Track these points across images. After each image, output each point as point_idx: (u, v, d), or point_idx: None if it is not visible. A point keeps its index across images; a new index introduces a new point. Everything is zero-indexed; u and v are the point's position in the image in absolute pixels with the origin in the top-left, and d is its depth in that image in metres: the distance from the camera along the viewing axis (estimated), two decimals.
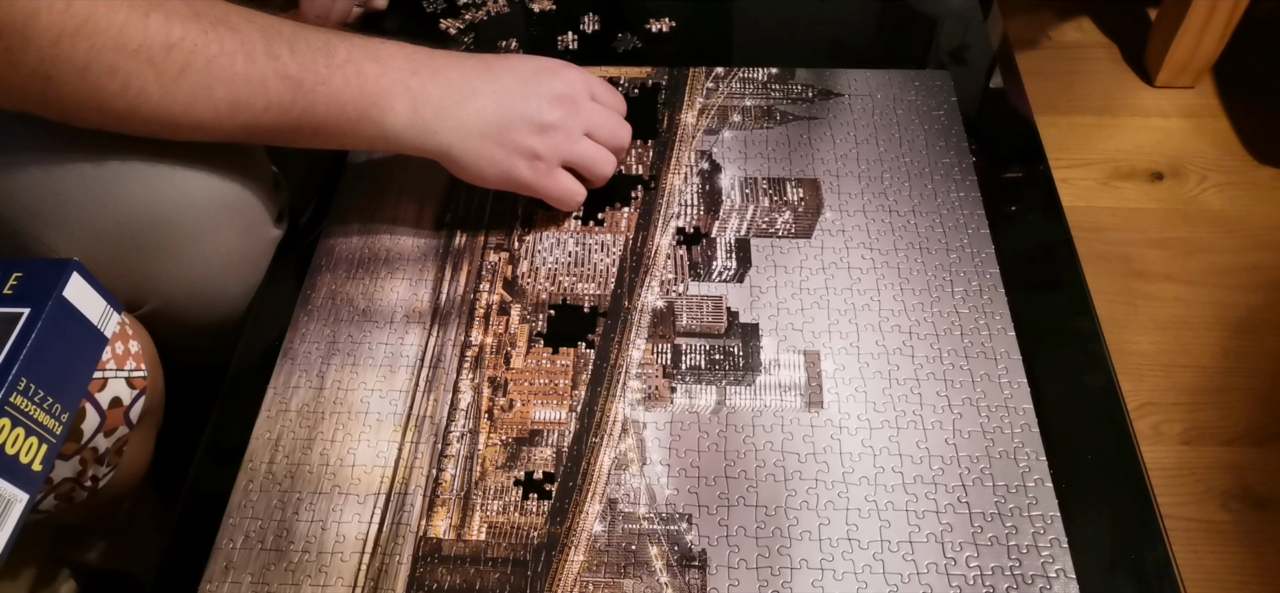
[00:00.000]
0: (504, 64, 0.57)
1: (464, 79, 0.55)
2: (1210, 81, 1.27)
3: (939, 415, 0.51)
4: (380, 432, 0.52)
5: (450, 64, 0.55)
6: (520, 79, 0.56)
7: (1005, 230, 0.60)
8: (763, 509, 0.48)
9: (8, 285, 0.43)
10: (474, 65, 0.56)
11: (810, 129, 0.67)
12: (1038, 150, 0.65)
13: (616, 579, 0.46)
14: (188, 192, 0.53)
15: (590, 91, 0.59)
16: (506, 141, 0.56)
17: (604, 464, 0.50)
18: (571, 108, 0.57)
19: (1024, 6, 1.39)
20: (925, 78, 0.70)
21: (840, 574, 0.45)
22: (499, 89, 0.55)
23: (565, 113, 0.57)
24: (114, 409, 0.49)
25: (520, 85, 0.56)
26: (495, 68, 0.56)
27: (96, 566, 0.64)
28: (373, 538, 0.48)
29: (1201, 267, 1.07)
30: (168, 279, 0.55)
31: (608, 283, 0.58)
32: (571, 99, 0.57)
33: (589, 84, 0.59)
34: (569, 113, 0.57)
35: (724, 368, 0.54)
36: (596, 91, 0.60)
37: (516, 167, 0.56)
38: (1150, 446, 0.92)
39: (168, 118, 0.49)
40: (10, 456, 0.40)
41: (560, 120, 0.57)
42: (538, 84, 0.57)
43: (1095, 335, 0.55)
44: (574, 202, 0.59)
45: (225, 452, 0.51)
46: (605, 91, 0.61)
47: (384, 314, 0.57)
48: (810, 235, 0.60)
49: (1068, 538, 0.46)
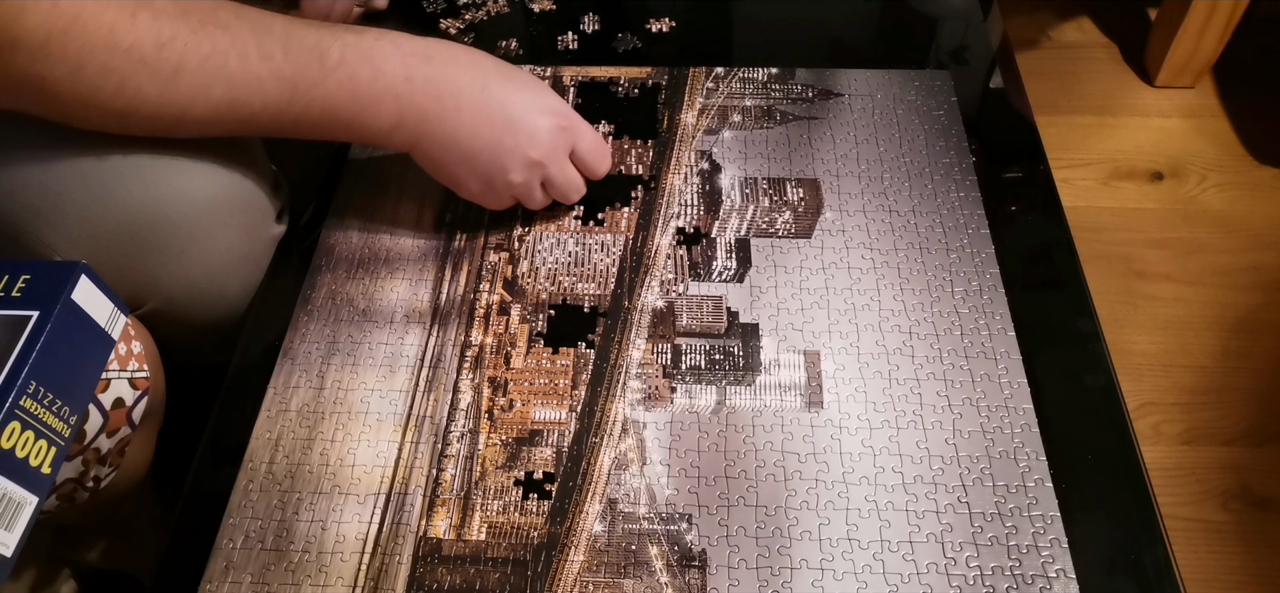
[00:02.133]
0: (498, 90, 0.56)
1: (453, 96, 0.54)
2: (1210, 81, 1.27)
3: (939, 415, 0.51)
4: (380, 432, 0.52)
5: (443, 76, 0.54)
6: (508, 117, 0.56)
7: (1005, 230, 0.60)
8: (763, 509, 0.48)
9: (15, 288, 0.43)
10: (468, 80, 0.55)
11: (810, 129, 0.67)
12: (1038, 150, 0.65)
13: (616, 579, 0.46)
14: (188, 191, 0.53)
15: (573, 146, 0.59)
16: (479, 171, 0.57)
17: (604, 464, 0.50)
18: (539, 165, 0.57)
19: (1024, 6, 1.39)
20: (925, 78, 0.70)
21: (840, 574, 0.45)
22: (487, 117, 0.55)
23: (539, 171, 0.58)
24: (117, 410, 0.49)
25: (505, 125, 0.56)
26: (489, 94, 0.55)
27: (97, 566, 0.64)
28: (373, 538, 0.48)
29: (1201, 267, 1.07)
30: (168, 279, 0.55)
31: (608, 283, 0.58)
32: (542, 159, 0.57)
33: (573, 139, 0.59)
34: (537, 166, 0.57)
35: (724, 368, 0.54)
36: (580, 148, 0.59)
37: (487, 198, 0.59)
38: (1150, 446, 0.92)
39: (170, 115, 0.49)
40: (20, 459, 0.40)
41: (529, 178, 0.58)
42: (522, 130, 0.56)
43: (1095, 335, 0.55)
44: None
45: (225, 452, 0.51)
46: (589, 147, 0.60)
47: (384, 314, 0.57)
48: (810, 235, 0.60)
49: (1068, 538, 0.46)
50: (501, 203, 0.60)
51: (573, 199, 0.61)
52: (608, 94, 0.71)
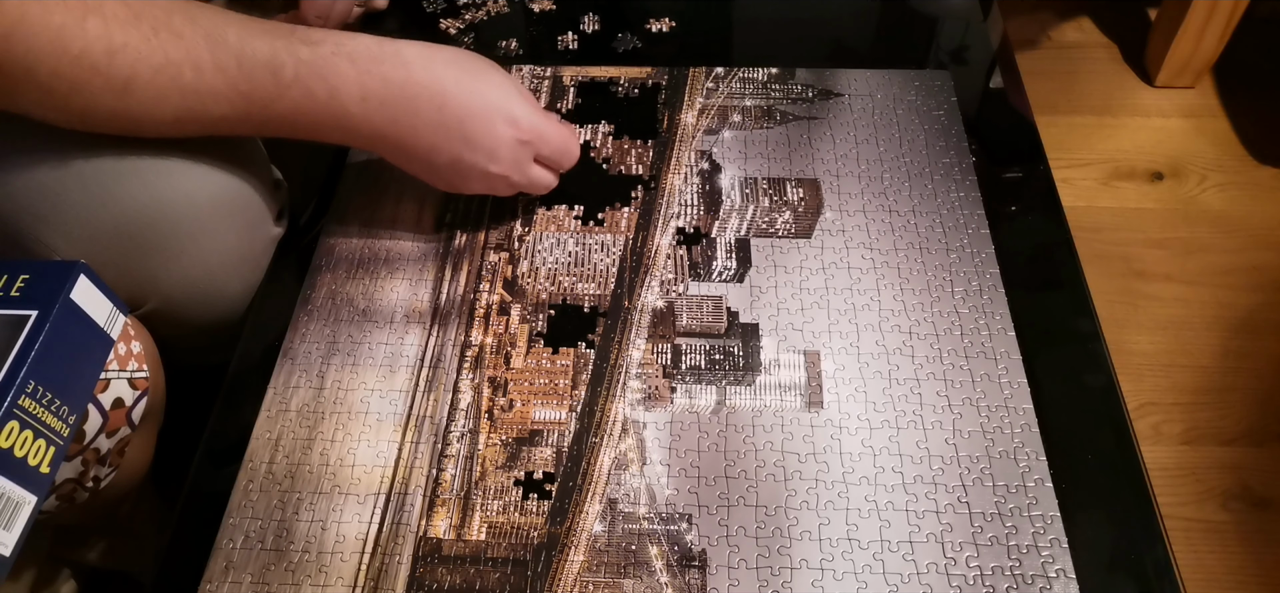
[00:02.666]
0: (456, 106, 0.54)
1: (410, 117, 0.54)
2: (1210, 81, 1.27)
3: (939, 415, 0.51)
4: (380, 432, 0.52)
5: (399, 98, 0.53)
6: (465, 136, 0.55)
7: (1005, 230, 0.60)
8: (763, 509, 0.48)
9: (15, 287, 0.43)
10: (426, 99, 0.54)
11: (810, 129, 0.67)
12: (1038, 150, 0.65)
13: (616, 579, 0.46)
14: (188, 191, 0.53)
15: (536, 154, 0.58)
16: (441, 178, 0.58)
17: (604, 464, 0.50)
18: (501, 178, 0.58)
19: (1024, 6, 1.39)
20: (925, 78, 0.70)
21: (840, 574, 0.45)
22: (444, 136, 0.55)
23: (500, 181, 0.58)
24: (116, 410, 0.49)
25: (463, 143, 0.55)
26: (446, 113, 0.54)
27: (96, 566, 0.64)
28: (373, 538, 0.48)
29: (1201, 267, 1.07)
30: (168, 279, 0.55)
31: (608, 283, 0.58)
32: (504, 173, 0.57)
33: (537, 147, 0.58)
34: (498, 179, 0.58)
35: (724, 368, 0.54)
36: (543, 152, 0.59)
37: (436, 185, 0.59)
38: (1150, 446, 0.92)
39: (128, 121, 0.49)
40: (18, 458, 0.40)
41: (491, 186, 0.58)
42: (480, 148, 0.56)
43: (1095, 335, 0.55)
44: None
45: (225, 452, 0.51)
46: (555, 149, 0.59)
47: (384, 314, 0.57)
48: (810, 235, 0.60)
49: (1068, 538, 0.46)
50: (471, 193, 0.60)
51: (541, 192, 0.61)
52: (608, 94, 0.71)
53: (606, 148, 0.67)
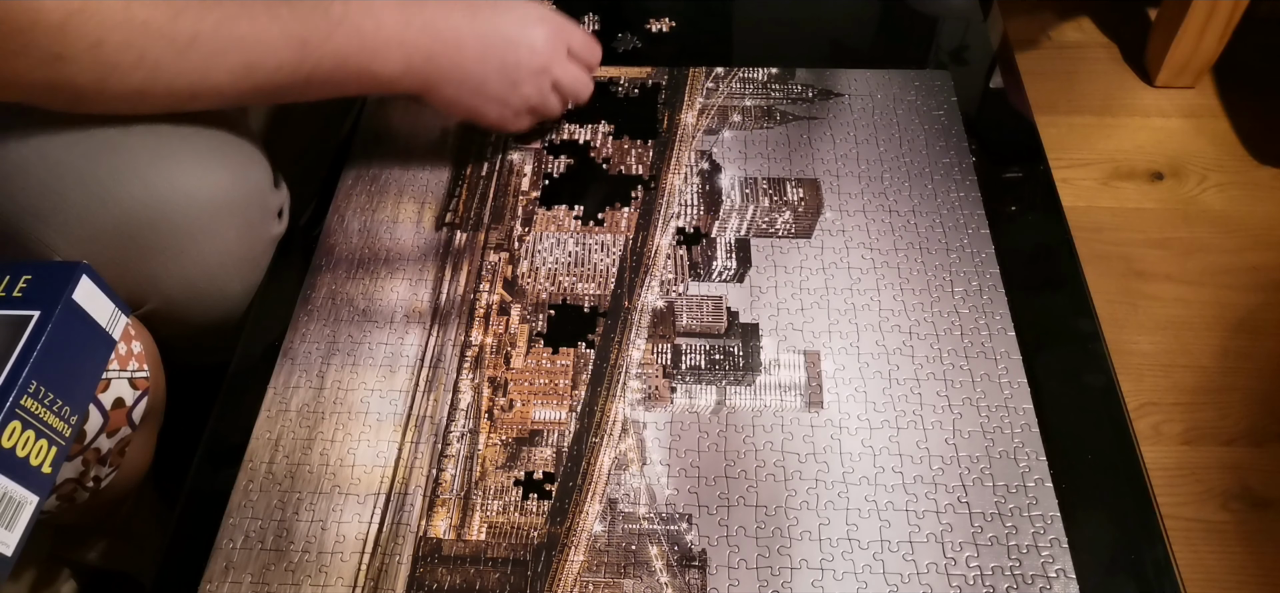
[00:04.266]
0: (488, 16, 0.60)
1: (452, 31, 0.58)
2: (1210, 81, 1.27)
3: (939, 415, 0.51)
4: (380, 432, 0.52)
5: (437, 16, 0.58)
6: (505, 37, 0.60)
7: (1005, 230, 0.60)
8: (763, 509, 0.48)
9: (17, 288, 0.43)
10: (460, 14, 0.59)
11: (810, 129, 0.67)
12: (1038, 150, 0.65)
13: (616, 579, 0.46)
14: (188, 191, 0.53)
15: (567, 46, 0.64)
16: (493, 95, 0.61)
17: (604, 464, 0.50)
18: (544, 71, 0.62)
19: (1024, 6, 1.39)
20: (925, 78, 0.70)
21: (840, 574, 0.45)
22: (487, 42, 0.59)
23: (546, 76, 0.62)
24: (117, 410, 0.49)
25: (505, 45, 0.60)
26: (482, 20, 0.59)
27: (96, 566, 0.64)
28: (373, 538, 0.48)
29: (1201, 267, 1.07)
30: (168, 279, 0.55)
31: (608, 283, 0.58)
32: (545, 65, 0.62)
33: (566, 38, 0.64)
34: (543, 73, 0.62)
35: (724, 368, 0.54)
36: (573, 44, 0.64)
37: (506, 120, 0.63)
38: (1150, 446, 0.92)
39: (186, 87, 0.50)
40: (20, 458, 0.40)
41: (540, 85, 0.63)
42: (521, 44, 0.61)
43: (1095, 335, 0.55)
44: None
45: (225, 452, 0.51)
46: (581, 44, 0.65)
47: (384, 314, 0.57)
48: (810, 235, 0.60)
49: (1068, 538, 0.46)
50: (521, 122, 0.64)
51: (583, 97, 0.66)
52: (608, 94, 0.71)
53: (606, 148, 0.67)
